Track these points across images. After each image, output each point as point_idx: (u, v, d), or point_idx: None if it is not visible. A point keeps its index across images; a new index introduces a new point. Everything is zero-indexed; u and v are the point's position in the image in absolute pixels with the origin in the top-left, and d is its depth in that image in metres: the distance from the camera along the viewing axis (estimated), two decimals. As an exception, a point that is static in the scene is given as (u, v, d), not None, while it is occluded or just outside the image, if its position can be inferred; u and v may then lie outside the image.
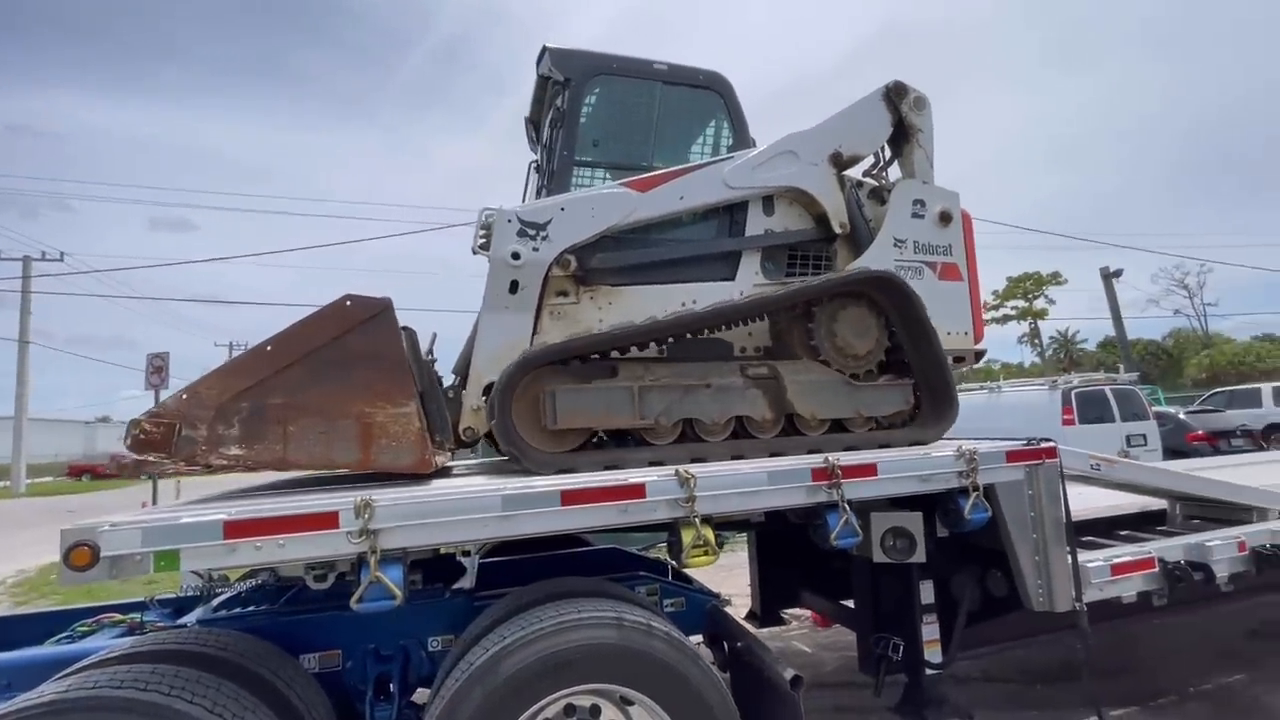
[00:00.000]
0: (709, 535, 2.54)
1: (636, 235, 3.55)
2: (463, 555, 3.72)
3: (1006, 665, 4.76)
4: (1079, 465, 3.63)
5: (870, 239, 3.82)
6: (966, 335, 3.94)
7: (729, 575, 5.85)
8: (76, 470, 37.54)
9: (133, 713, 2.00)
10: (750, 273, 3.71)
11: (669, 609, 3.43)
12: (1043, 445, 3.28)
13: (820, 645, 5.59)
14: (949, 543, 3.37)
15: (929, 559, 3.19)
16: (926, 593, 3.45)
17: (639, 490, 2.53)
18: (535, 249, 3.25)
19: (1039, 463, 3.24)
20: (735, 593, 4.78)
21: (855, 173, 4.10)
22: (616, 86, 3.81)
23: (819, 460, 2.85)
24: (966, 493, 3.04)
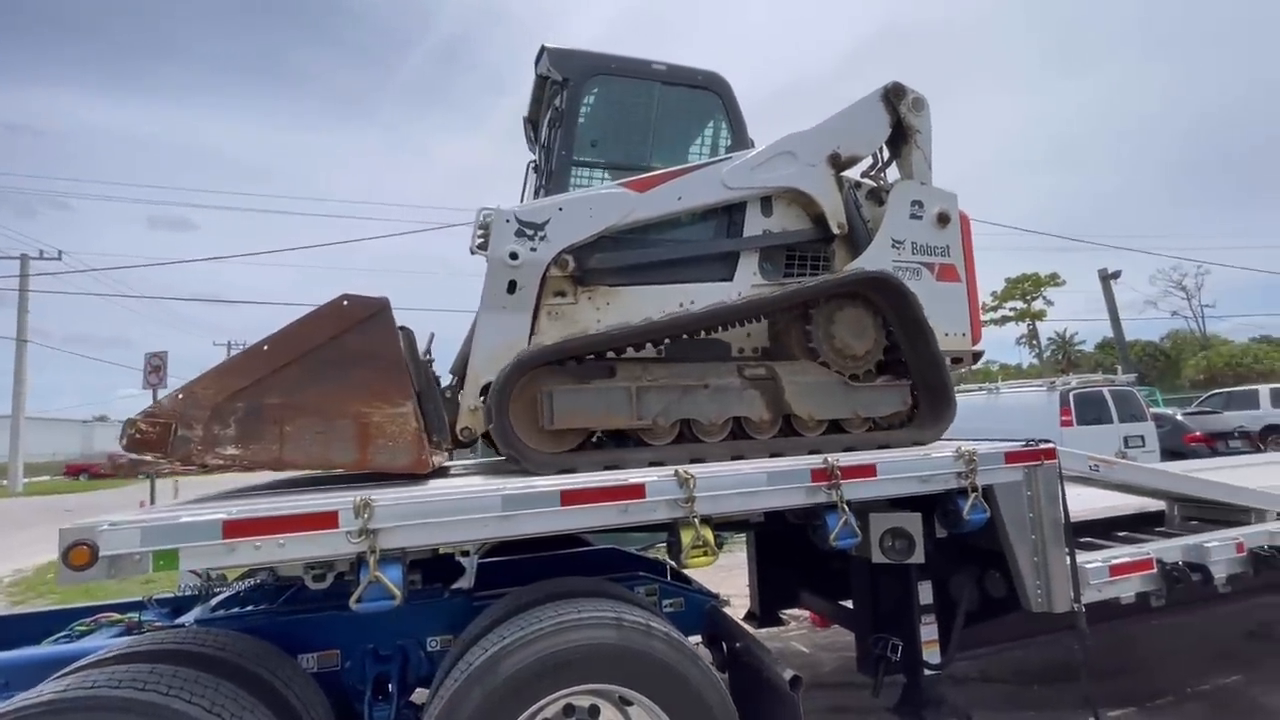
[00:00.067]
0: (708, 535, 2.54)
1: (634, 236, 3.54)
2: (462, 555, 3.72)
3: (1005, 666, 4.77)
4: (1077, 466, 3.63)
5: (868, 240, 3.82)
6: (964, 336, 3.95)
7: (728, 575, 5.85)
8: (73, 470, 37.40)
9: (131, 712, 2.00)
10: (748, 273, 3.70)
11: (668, 609, 3.42)
12: (1041, 446, 3.28)
13: (819, 646, 5.59)
14: (948, 543, 3.37)
15: (928, 560, 3.19)
16: (925, 593, 3.46)
17: (639, 490, 2.53)
18: (533, 249, 3.25)
19: (1038, 464, 3.24)
20: (734, 593, 4.79)
21: (854, 174, 4.10)
22: (615, 86, 3.81)
23: (818, 461, 2.85)
24: (965, 493, 3.04)
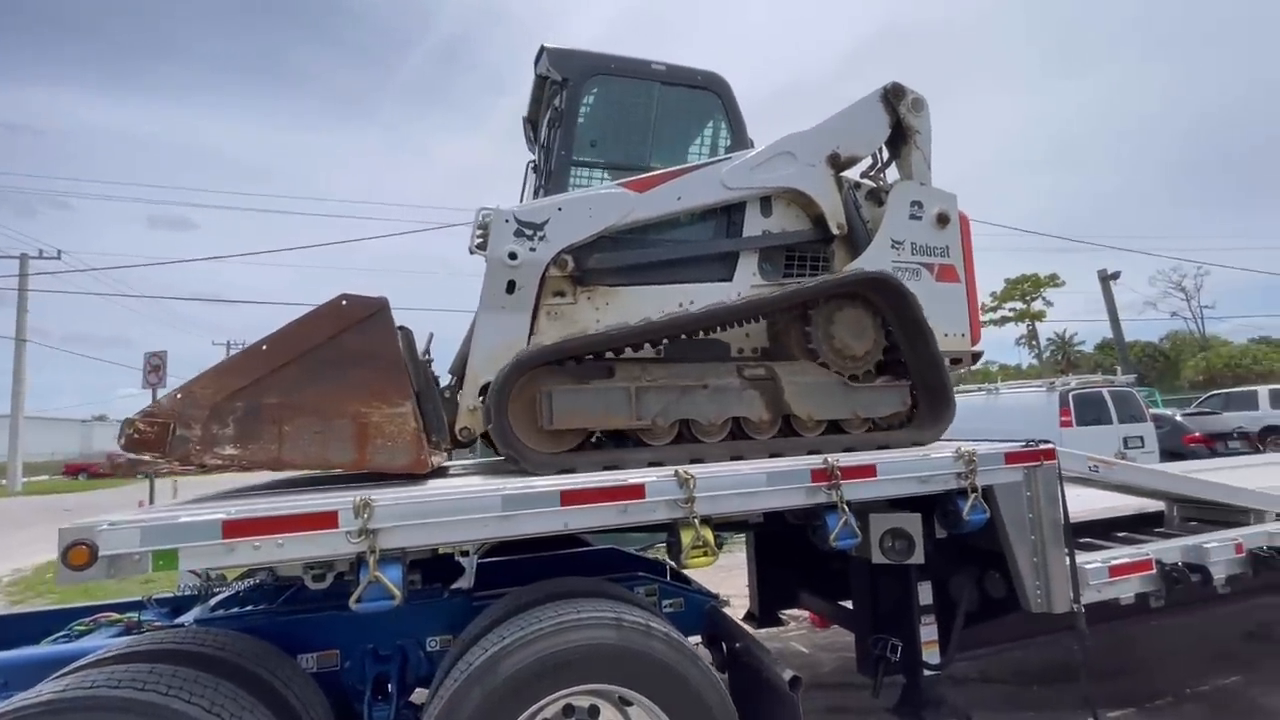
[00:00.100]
0: (708, 536, 2.54)
1: (634, 236, 3.54)
2: (461, 555, 3.72)
3: (1004, 666, 4.77)
4: (1077, 467, 3.63)
5: (868, 240, 3.82)
6: (964, 337, 3.95)
7: (728, 576, 5.85)
8: (72, 469, 37.35)
9: (130, 712, 1.99)
10: (748, 274, 3.70)
11: (668, 609, 3.41)
12: (1041, 447, 3.28)
13: (818, 646, 5.59)
14: (947, 544, 3.37)
15: (927, 560, 3.19)
16: (925, 594, 3.46)
17: (638, 491, 2.53)
18: (532, 249, 3.24)
19: (1037, 464, 3.24)
20: (734, 593, 4.78)
21: (853, 174, 4.10)
22: (614, 86, 3.80)
23: (818, 461, 2.85)
24: (965, 494, 3.04)
